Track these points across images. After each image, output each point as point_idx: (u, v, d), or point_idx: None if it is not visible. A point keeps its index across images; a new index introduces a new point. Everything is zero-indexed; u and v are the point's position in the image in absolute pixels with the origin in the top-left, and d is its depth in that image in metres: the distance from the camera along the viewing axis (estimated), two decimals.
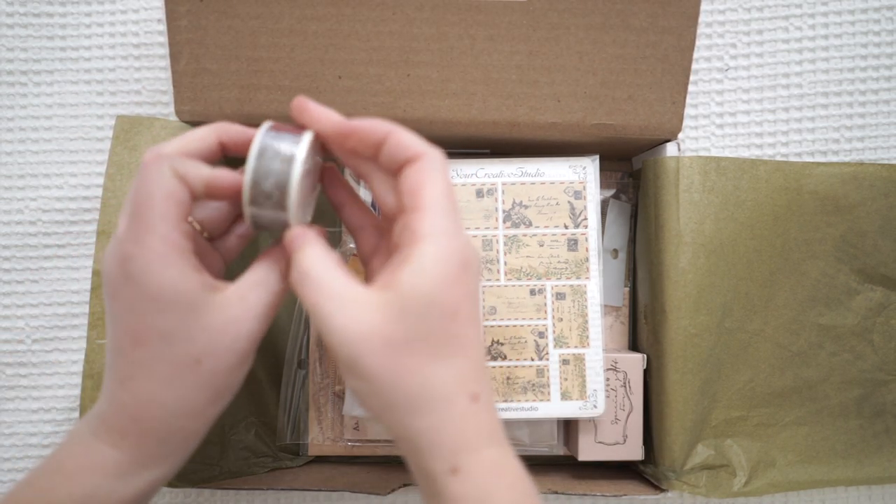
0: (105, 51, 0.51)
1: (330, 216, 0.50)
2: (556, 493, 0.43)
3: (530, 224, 0.45)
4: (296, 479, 0.44)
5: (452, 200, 0.28)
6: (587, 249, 0.44)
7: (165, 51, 0.42)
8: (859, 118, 0.52)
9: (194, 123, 0.43)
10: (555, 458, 0.49)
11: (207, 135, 0.30)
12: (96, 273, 0.41)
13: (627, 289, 0.50)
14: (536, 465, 0.49)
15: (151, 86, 0.51)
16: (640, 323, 0.48)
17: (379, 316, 0.27)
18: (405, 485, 0.43)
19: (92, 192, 0.51)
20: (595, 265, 0.44)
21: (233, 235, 0.33)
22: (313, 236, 0.29)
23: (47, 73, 0.51)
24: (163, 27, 0.50)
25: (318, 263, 0.28)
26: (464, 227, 0.29)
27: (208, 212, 0.31)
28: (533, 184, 0.45)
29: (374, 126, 0.29)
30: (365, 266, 0.34)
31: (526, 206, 0.45)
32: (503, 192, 0.45)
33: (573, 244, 0.44)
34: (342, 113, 0.42)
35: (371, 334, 0.26)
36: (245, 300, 0.29)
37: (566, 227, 0.45)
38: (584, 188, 0.45)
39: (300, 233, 0.29)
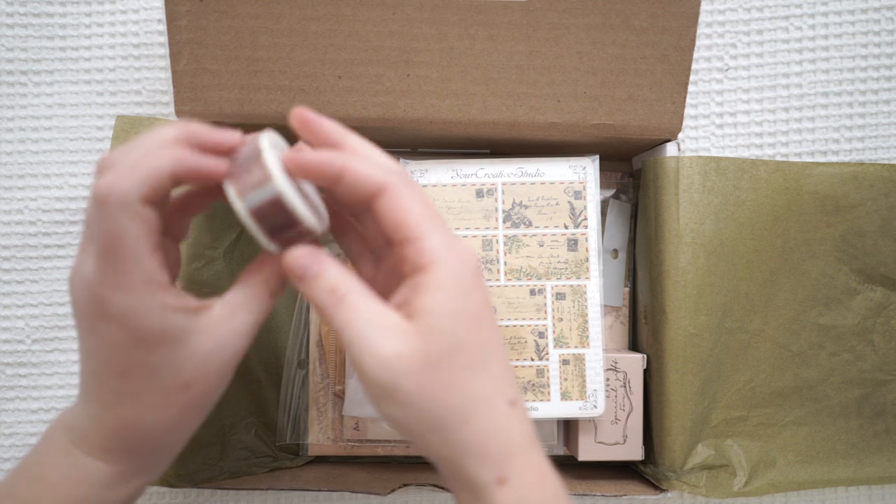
0: (105, 51, 0.51)
1: None
2: None
3: (530, 224, 0.45)
4: (296, 479, 0.44)
5: (434, 213, 0.28)
6: (587, 249, 0.44)
7: (165, 51, 0.42)
8: (859, 118, 0.52)
9: None
10: (555, 458, 0.49)
11: (162, 165, 0.27)
12: None
13: (627, 289, 0.50)
14: None
15: (151, 86, 0.51)
16: (640, 323, 0.48)
17: (412, 341, 0.26)
18: (405, 485, 0.43)
19: None
20: (595, 265, 0.44)
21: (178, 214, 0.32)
22: (339, 264, 0.29)
23: (47, 73, 0.51)
24: (163, 27, 0.50)
25: (355, 290, 0.27)
26: (457, 236, 0.29)
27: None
28: (533, 184, 0.45)
29: (325, 162, 0.28)
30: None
31: (526, 207, 0.45)
32: (503, 192, 0.45)
33: (573, 244, 0.44)
34: (342, 113, 0.42)
35: (408, 357, 0.26)
36: (231, 321, 0.28)
37: (566, 227, 0.45)
38: (584, 188, 0.45)
39: (322, 257, 0.28)
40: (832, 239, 0.46)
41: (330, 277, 0.28)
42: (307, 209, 0.28)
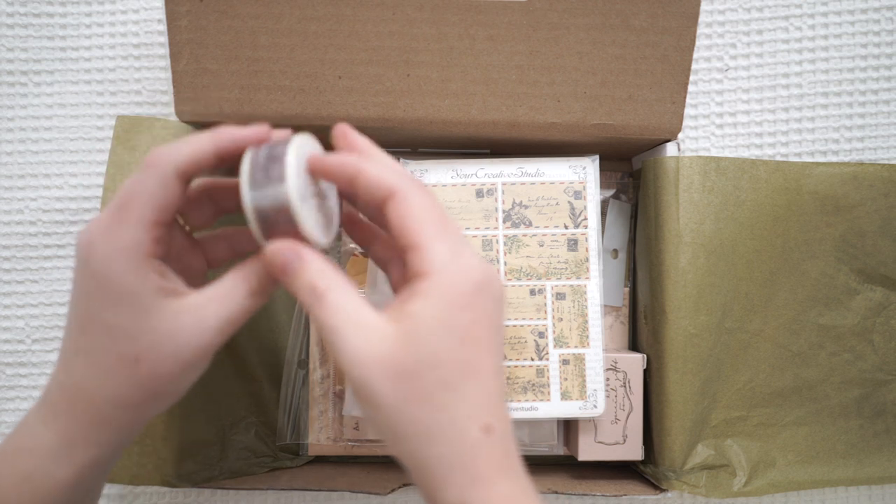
0: (105, 51, 0.51)
1: None
2: (556, 493, 0.43)
3: (530, 224, 0.45)
4: (296, 479, 0.44)
5: (443, 221, 0.28)
6: (587, 249, 0.44)
7: (165, 51, 0.42)
8: (859, 118, 0.52)
9: (194, 123, 0.43)
10: (555, 458, 0.49)
11: (207, 142, 0.29)
12: None
13: (627, 289, 0.50)
14: (536, 465, 0.49)
15: (151, 86, 0.51)
16: (640, 323, 0.48)
17: (391, 345, 0.26)
18: (405, 485, 0.43)
19: (92, 192, 0.51)
20: (595, 265, 0.44)
21: (221, 241, 0.33)
22: (323, 259, 0.28)
23: (47, 73, 0.51)
24: (163, 27, 0.50)
25: (337, 286, 0.27)
26: (471, 251, 0.28)
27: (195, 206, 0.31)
28: (533, 184, 0.45)
29: (343, 163, 0.29)
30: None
31: (526, 206, 0.45)
32: (503, 192, 0.45)
33: (573, 244, 0.44)
34: (342, 113, 0.42)
35: (383, 360, 0.26)
36: (200, 311, 0.28)
37: (566, 227, 0.45)
38: (584, 188, 0.45)
39: (304, 251, 0.28)
40: (832, 239, 0.46)
41: (312, 272, 0.27)
42: (312, 220, 0.28)
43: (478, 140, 0.46)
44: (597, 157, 0.45)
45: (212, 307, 0.28)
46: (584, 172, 0.45)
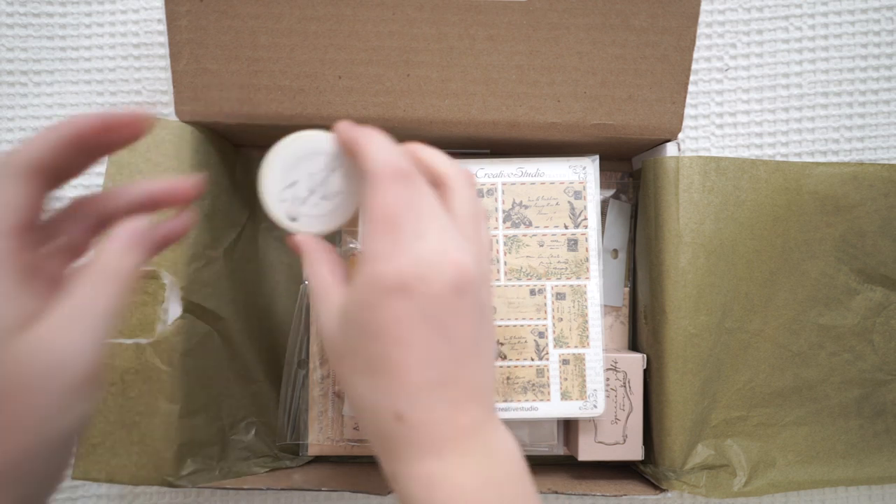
0: (105, 51, 0.51)
1: None
2: (557, 493, 0.43)
3: (530, 224, 0.45)
4: (296, 479, 0.44)
5: (395, 219, 0.28)
6: (587, 250, 0.44)
7: (165, 51, 0.42)
8: (859, 118, 0.52)
9: (194, 123, 0.43)
10: (555, 458, 0.49)
11: (54, 135, 0.26)
12: None
13: (627, 289, 0.50)
14: (536, 465, 0.49)
15: (151, 86, 0.51)
16: (640, 323, 0.48)
17: (338, 321, 0.29)
18: None
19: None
20: (595, 265, 0.44)
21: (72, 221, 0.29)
22: (318, 243, 0.33)
23: (47, 73, 0.51)
24: (163, 27, 0.50)
25: (320, 268, 0.32)
26: (434, 249, 0.28)
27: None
28: (533, 184, 0.45)
29: (348, 130, 0.32)
30: None
31: (526, 207, 0.45)
32: (503, 192, 0.45)
33: (573, 244, 0.44)
34: (342, 113, 0.42)
35: (331, 336, 0.30)
36: (52, 347, 0.23)
37: (566, 227, 0.45)
38: (584, 188, 0.45)
39: (307, 239, 0.33)
40: (832, 239, 0.46)
41: (309, 262, 0.32)
42: (285, 216, 0.36)
43: (478, 140, 0.46)
44: (597, 157, 0.45)
45: (64, 340, 0.24)
46: (584, 172, 0.45)
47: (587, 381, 0.44)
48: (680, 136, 0.44)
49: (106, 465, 0.40)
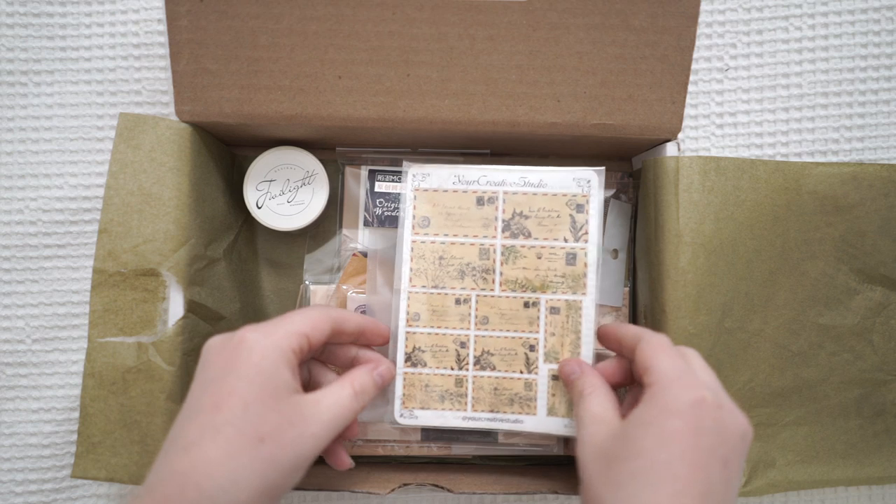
0: (105, 51, 0.51)
1: (332, 219, 0.49)
2: (557, 493, 0.43)
3: (529, 235, 0.44)
4: None
5: (679, 354, 0.35)
6: (586, 265, 0.44)
7: (165, 51, 0.42)
8: (859, 118, 0.52)
9: (194, 123, 0.43)
10: (555, 457, 0.49)
11: (354, 324, 0.38)
12: (97, 271, 0.41)
13: (627, 289, 0.50)
14: (536, 465, 0.49)
15: (151, 86, 0.51)
16: (640, 323, 0.48)
17: (610, 436, 0.33)
18: (405, 485, 0.43)
19: (92, 192, 0.51)
20: (592, 281, 0.43)
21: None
22: (595, 373, 0.39)
23: (47, 73, 0.51)
24: (163, 27, 0.50)
25: (594, 392, 0.37)
26: (702, 376, 0.34)
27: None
28: (535, 194, 0.44)
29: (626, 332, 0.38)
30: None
31: (526, 217, 0.44)
32: (504, 201, 0.44)
33: (572, 258, 0.44)
34: (342, 113, 0.42)
35: (598, 446, 0.33)
36: (317, 406, 0.33)
37: (566, 240, 0.44)
38: (587, 202, 0.44)
39: (587, 367, 0.40)
40: (832, 239, 0.46)
41: (584, 381, 0.38)
42: (253, 201, 0.47)
43: (478, 140, 0.46)
44: (602, 169, 0.44)
45: (325, 402, 0.34)
46: (587, 186, 0.44)
47: None
48: (680, 136, 0.44)
49: (106, 464, 0.40)
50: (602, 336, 0.41)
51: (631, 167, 0.51)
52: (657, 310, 0.45)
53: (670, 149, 0.44)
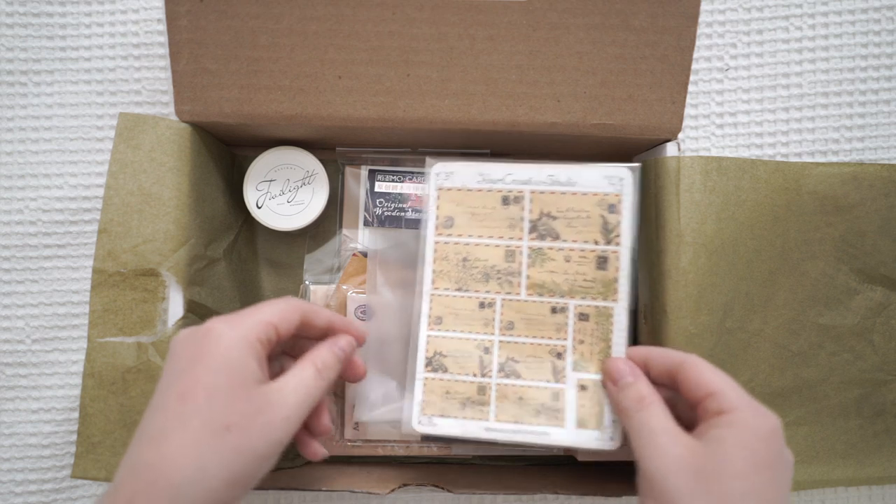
0: (105, 51, 0.51)
1: (332, 219, 0.49)
2: (557, 493, 0.43)
3: (557, 237, 0.42)
4: (296, 479, 0.44)
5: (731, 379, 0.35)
6: (618, 269, 0.41)
7: (165, 51, 0.42)
8: (859, 118, 0.52)
9: (194, 123, 0.43)
10: (555, 458, 0.49)
11: (324, 318, 0.38)
12: (97, 271, 0.41)
13: None
14: (536, 465, 0.49)
15: (151, 86, 0.51)
16: (641, 322, 0.48)
17: (693, 451, 0.33)
18: (405, 485, 0.43)
19: (92, 192, 0.51)
20: (625, 287, 0.41)
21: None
22: (646, 379, 0.38)
23: (47, 73, 0.51)
24: (163, 27, 0.50)
25: (658, 401, 0.36)
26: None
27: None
28: (563, 193, 0.42)
29: (667, 355, 0.38)
30: None
31: (554, 218, 0.42)
32: (531, 200, 0.42)
33: (603, 262, 0.41)
34: (342, 113, 0.42)
35: (684, 459, 0.32)
36: (282, 391, 0.33)
37: (596, 243, 0.42)
38: (620, 202, 0.42)
39: (637, 370, 0.38)
40: (832, 239, 0.46)
41: (641, 387, 0.37)
42: (253, 200, 0.47)
43: (478, 140, 0.46)
44: (637, 165, 0.42)
45: (290, 385, 0.33)
46: (620, 184, 0.42)
47: (605, 411, 0.40)
48: (680, 136, 0.44)
49: (106, 464, 0.40)
50: (629, 357, 0.40)
51: None
52: (658, 310, 0.45)
53: (670, 149, 0.44)
